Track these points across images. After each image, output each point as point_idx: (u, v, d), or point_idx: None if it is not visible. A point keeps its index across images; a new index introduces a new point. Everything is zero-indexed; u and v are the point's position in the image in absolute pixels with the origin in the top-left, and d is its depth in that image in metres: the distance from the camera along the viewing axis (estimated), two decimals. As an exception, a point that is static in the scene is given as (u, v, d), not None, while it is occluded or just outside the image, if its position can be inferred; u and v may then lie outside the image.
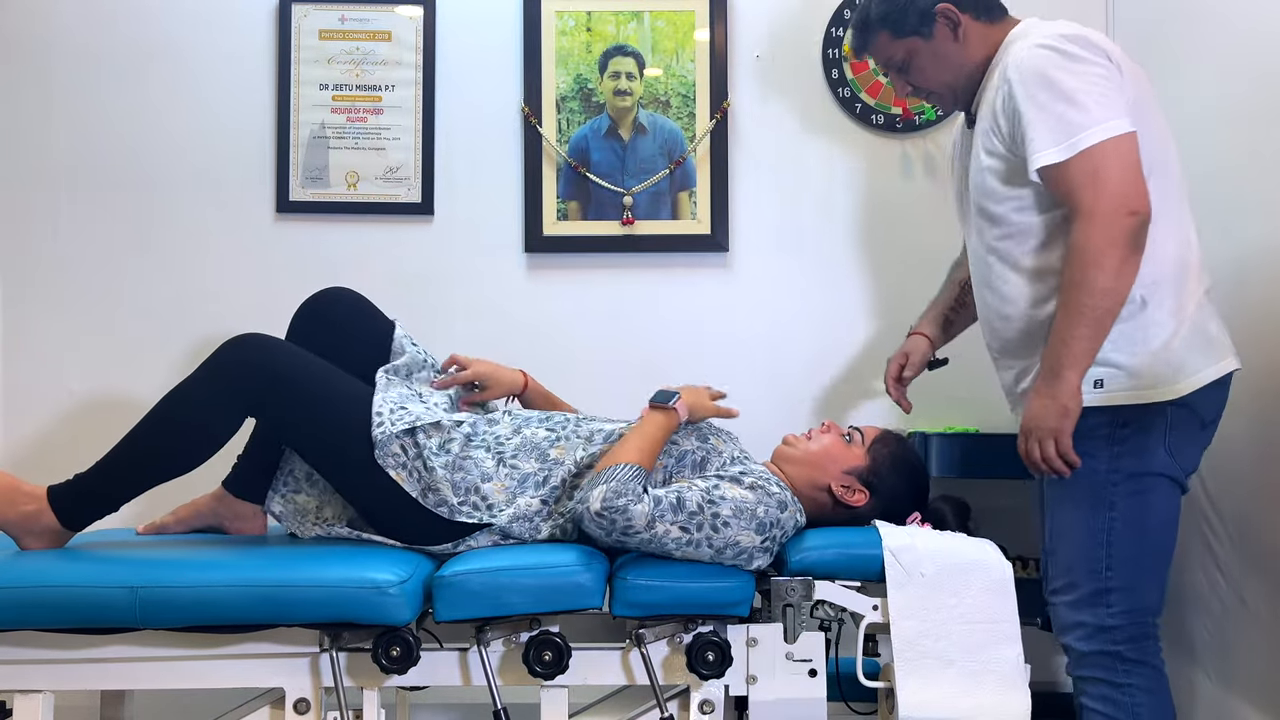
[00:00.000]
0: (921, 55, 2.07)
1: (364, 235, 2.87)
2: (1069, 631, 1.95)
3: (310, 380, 1.95)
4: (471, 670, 1.88)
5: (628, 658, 1.90)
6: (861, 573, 1.93)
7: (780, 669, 1.91)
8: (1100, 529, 1.92)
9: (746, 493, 1.91)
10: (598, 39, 2.87)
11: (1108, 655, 1.92)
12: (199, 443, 1.91)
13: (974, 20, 2.05)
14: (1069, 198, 1.86)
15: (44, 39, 2.88)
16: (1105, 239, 1.81)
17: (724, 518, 1.87)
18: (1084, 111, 1.84)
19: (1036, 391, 1.89)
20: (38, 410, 2.85)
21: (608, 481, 1.85)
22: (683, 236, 2.84)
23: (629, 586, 1.85)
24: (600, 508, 1.82)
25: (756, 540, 1.89)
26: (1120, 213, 1.81)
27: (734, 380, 2.40)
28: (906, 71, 2.11)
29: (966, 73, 2.06)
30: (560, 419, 2.10)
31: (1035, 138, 1.87)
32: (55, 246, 2.87)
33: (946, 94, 2.12)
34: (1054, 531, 1.98)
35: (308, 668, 1.85)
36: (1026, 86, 1.89)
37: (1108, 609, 1.91)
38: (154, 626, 1.77)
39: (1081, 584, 1.93)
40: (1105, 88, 1.87)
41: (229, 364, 1.91)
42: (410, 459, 1.94)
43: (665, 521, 1.84)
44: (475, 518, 1.95)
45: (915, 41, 2.06)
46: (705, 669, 1.84)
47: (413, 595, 1.78)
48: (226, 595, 1.75)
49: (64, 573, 1.78)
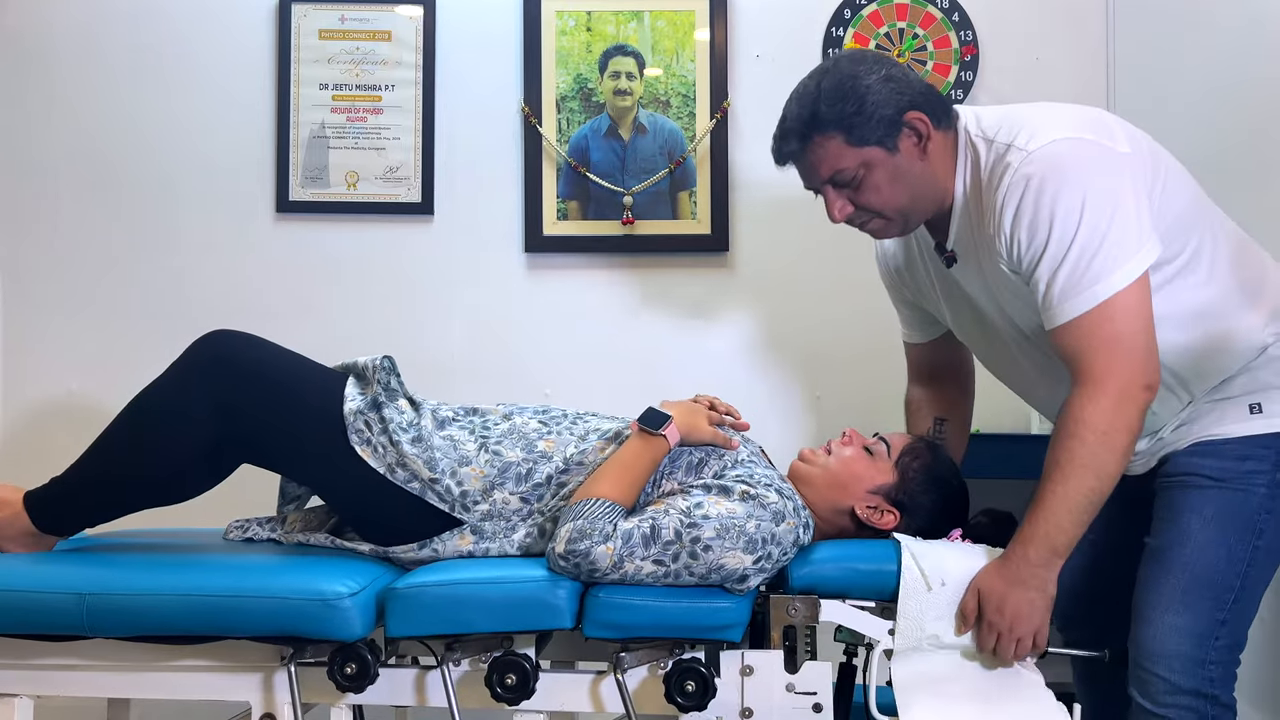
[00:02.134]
0: (879, 171, 1.74)
1: (364, 235, 2.87)
2: (1163, 660, 1.71)
3: (278, 371, 1.88)
4: (432, 691, 1.73)
5: (598, 685, 1.72)
6: (876, 591, 1.70)
7: (780, 702, 1.68)
8: (1241, 558, 1.70)
9: (735, 505, 1.71)
10: (598, 39, 2.87)
11: (1203, 696, 1.70)
12: (168, 441, 1.81)
13: (936, 130, 1.75)
14: (1079, 359, 1.64)
15: (44, 39, 2.88)
16: (1121, 421, 1.62)
17: (705, 541, 1.67)
18: (1104, 251, 1.61)
19: (1014, 575, 1.66)
20: (38, 410, 2.85)
21: (575, 519, 1.68)
22: (683, 236, 2.84)
23: (601, 605, 1.67)
24: (563, 549, 1.66)
25: (747, 561, 1.68)
26: (1137, 388, 1.62)
27: (734, 380, 2.40)
28: (856, 188, 1.77)
29: (925, 194, 1.78)
30: (557, 413, 1.95)
31: (1045, 287, 1.65)
32: (55, 246, 2.87)
33: (896, 220, 1.81)
34: (1176, 542, 1.73)
35: (274, 682, 1.74)
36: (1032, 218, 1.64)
37: (1214, 641, 1.70)
38: (102, 635, 1.70)
39: (1200, 610, 1.70)
40: (1125, 207, 1.63)
41: (196, 358, 1.85)
42: (375, 434, 1.81)
43: (635, 559, 1.66)
44: (445, 505, 1.80)
45: (875, 153, 1.73)
46: (685, 700, 1.63)
47: (365, 608, 1.66)
48: (173, 604, 1.66)
49: (11, 577, 1.72)
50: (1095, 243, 1.62)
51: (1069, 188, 1.64)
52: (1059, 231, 1.63)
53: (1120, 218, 1.63)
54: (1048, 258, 1.64)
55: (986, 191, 1.72)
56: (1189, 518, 1.72)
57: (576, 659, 1.98)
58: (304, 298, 2.86)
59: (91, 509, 1.89)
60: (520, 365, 2.84)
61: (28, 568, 1.78)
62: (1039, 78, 2.82)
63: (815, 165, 1.78)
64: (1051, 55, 2.83)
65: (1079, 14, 2.83)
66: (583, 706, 1.74)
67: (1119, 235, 1.62)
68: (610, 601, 1.67)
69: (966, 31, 2.83)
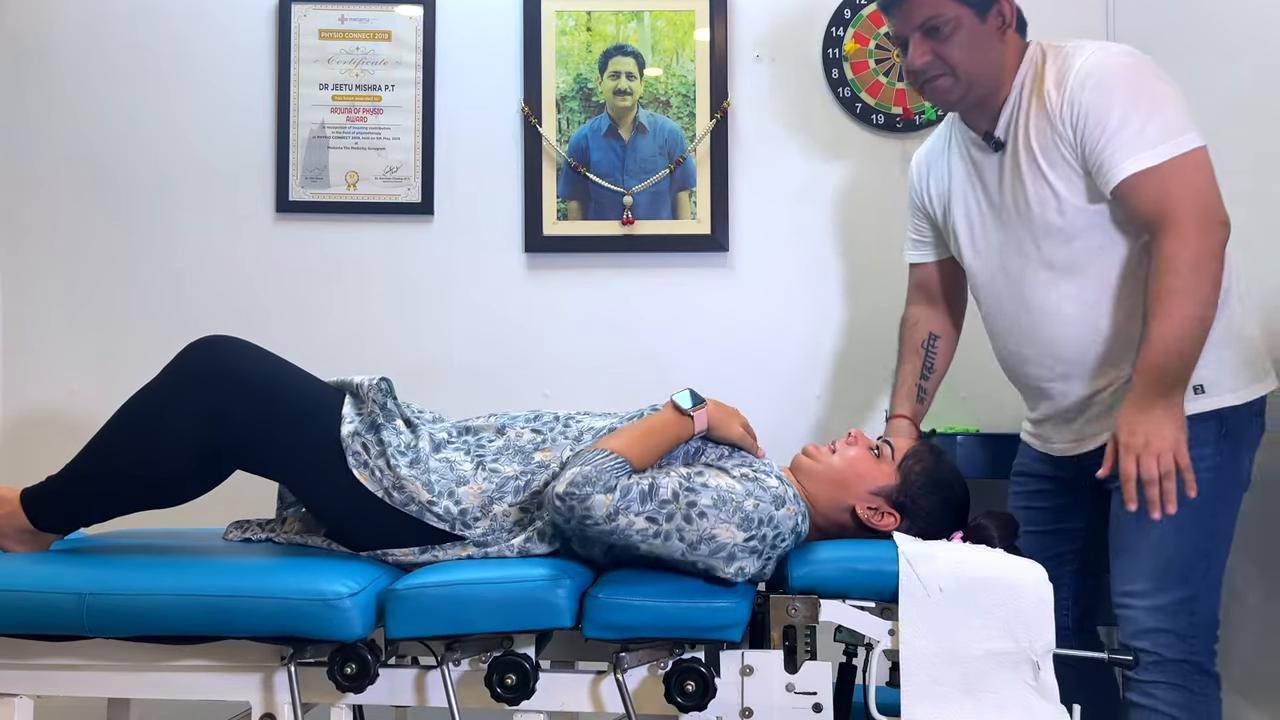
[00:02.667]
0: (966, 29, 1.93)
1: (364, 235, 2.87)
2: (1149, 636, 1.86)
3: (273, 380, 1.86)
4: (432, 691, 1.73)
5: (598, 685, 1.72)
6: (876, 591, 1.69)
7: (780, 702, 1.68)
8: (1205, 534, 1.86)
9: (735, 483, 1.72)
10: (598, 39, 2.87)
11: (1190, 665, 1.85)
12: (161, 445, 1.80)
13: (1014, 31, 1.99)
14: (1160, 204, 1.81)
15: (44, 39, 2.88)
16: (1206, 249, 1.78)
17: (700, 507, 1.67)
18: (1170, 119, 1.81)
19: (1141, 404, 1.79)
20: (38, 410, 2.85)
21: (583, 465, 1.68)
22: (683, 236, 2.84)
23: (601, 605, 1.66)
24: (563, 489, 1.66)
25: (739, 537, 1.68)
26: (1215, 222, 1.80)
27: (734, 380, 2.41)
28: (944, 39, 1.94)
29: (992, 73, 1.97)
30: (549, 419, 1.95)
31: (1123, 143, 1.82)
32: (55, 246, 2.87)
33: (963, 84, 1.97)
34: (1138, 529, 1.87)
35: (274, 682, 1.75)
36: (1106, 91, 1.83)
37: (1190, 616, 1.86)
38: (102, 635, 1.71)
39: (1172, 589, 1.86)
40: (1181, 100, 1.85)
41: (190, 364, 1.84)
42: (372, 457, 1.81)
43: (630, 513, 1.66)
44: (445, 524, 1.80)
45: (968, 13, 1.93)
46: (685, 700, 1.63)
47: (365, 609, 1.66)
48: (173, 604, 1.66)
49: (12, 577, 1.73)
50: (1174, 105, 1.84)
51: (1145, 72, 1.87)
52: (1142, 93, 1.84)
53: (1182, 100, 1.86)
54: (1132, 115, 1.82)
55: (1058, 74, 1.90)
56: (1146, 509, 1.81)
57: (576, 659, 1.98)
58: (304, 298, 2.86)
59: (87, 508, 1.89)
60: (520, 365, 2.84)
61: (28, 568, 1.78)
62: (1039, 78, 2.81)
63: (916, 7, 1.94)
64: (1051, 55, 2.83)
65: (1079, 14, 2.83)
66: (583, 706, 1.74)
67: (1186, 110, 1.85)
68: (610, 601, 1.67)
69: (966, 31, 2.82)
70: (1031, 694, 1.64)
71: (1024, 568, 1.69)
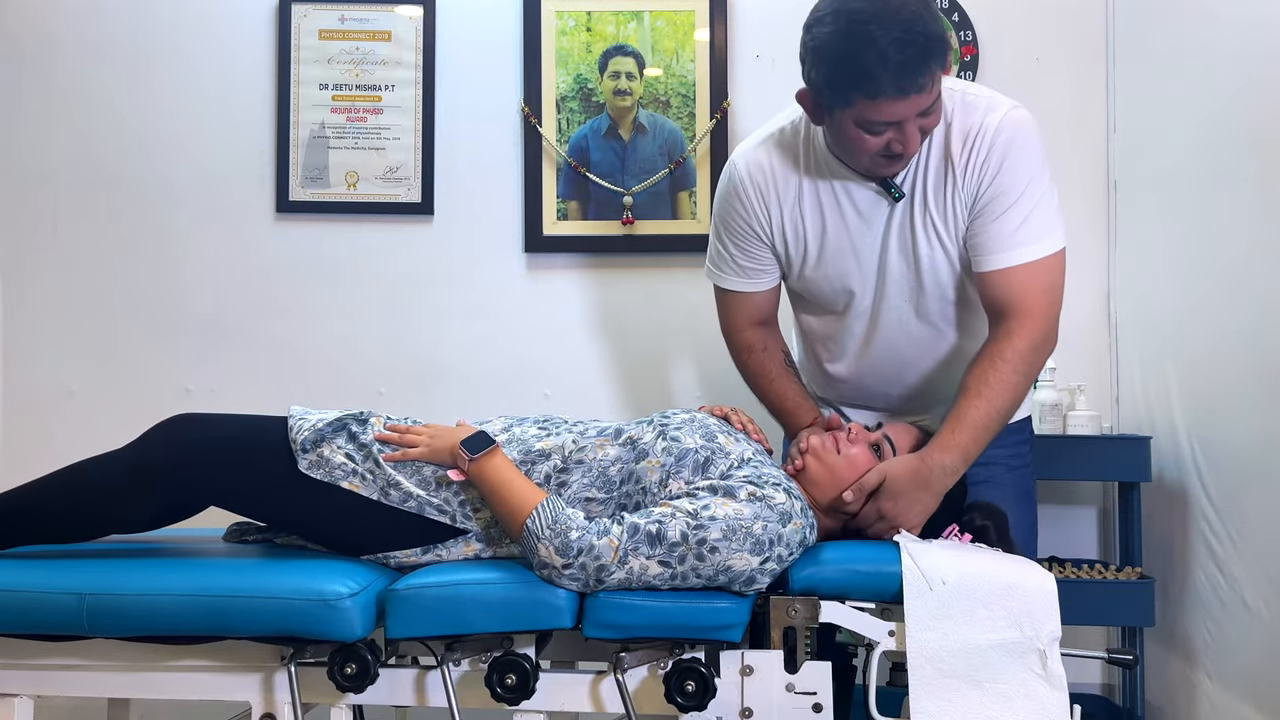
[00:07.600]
0: (937, 101, 1.76)
1: (364, 235, 2.87)
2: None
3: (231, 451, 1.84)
4: (432, 691, 1.73)
5: (598, 685, 1.72)
6: (876, 592, 1.68)
7: (780, 703, 1.67)
8: (1034, 522, 2.06)
9: (742, 507, 1.69)
10: (598, 39, 2.87)
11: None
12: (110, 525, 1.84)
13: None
14: (1021, 299, 1.81)
15: (44, 38, 2.89)
16: (1045, 350, 1.85)
17: (711, 543, 1.65)
18: (1048, 214, 1.83)
19: (919, 480, 1.79)
20: (38, 410, 2.85)
21: (536, 536, 1.66)
22: (683, 236, 2.84)
23: (601, 605, 1.66)
24: (560, 562, 1.64)
25: (754, 562, 1.67)
26: (1056, 324, 1.85)
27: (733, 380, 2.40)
28: (929, 115, 1.76)
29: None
30: (556, 419, 1.94)
31: (1008, 231, 1.81)
32: (55, 246, 2.87)
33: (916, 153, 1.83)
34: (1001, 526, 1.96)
35: (274, 682, 1.75)
36: (1010, 165, 1.80)
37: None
38: (102, 635, 1.71)
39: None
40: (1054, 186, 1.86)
41: (152, 438, 1.84)
42: (360, 464, 1.80)
43: (640, 556, 1.64)
44: (446, 517, 1.78)
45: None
46: (685, 700, 1.62)
47: (365, 609, 1.66)
48: (173, 604, 1.67)
49: (11, 577, 1.73)
50: (1050, 204, 1.84)
51: (1033, 153, 1.83)
52: (1036, 178, 1.82)
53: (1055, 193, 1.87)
54: (1024, 201, 1.81)
55: (964, 129, 1.83)
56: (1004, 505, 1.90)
57: (576, 659, 1.98)
58: (304, 298, 2.87)
59: (26, 539, 1.88)
60: (520, 365, 2.84)
61: (28, 568, 1.78)
62: (1039, 78, 2.81)
63: (926, 91, 1.71)
64: (1051, 55, 2.83)
65: (1079, 14, 2.83)
66: (583, 706, 1.73)
67: (1056, 206, 1.86)
68: (610, 601, 1.66)
69: (966, 32, 2.83)
70: (1039, 683, 1.64)
71: (1025, 564, 1.71)
